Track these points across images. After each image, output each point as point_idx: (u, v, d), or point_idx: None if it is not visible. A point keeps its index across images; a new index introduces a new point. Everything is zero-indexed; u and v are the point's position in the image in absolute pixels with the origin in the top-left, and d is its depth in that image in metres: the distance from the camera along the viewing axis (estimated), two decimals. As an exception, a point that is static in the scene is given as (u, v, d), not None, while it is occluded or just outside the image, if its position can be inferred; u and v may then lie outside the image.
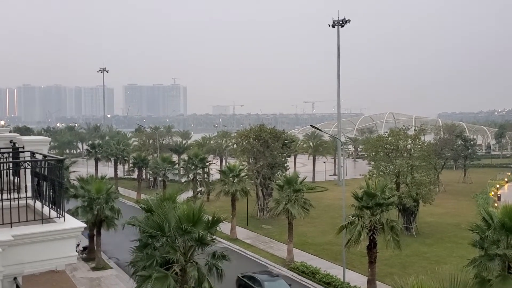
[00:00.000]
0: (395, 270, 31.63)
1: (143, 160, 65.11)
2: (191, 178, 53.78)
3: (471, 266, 19.05)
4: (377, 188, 26.83)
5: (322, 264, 33.55)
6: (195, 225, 18.53)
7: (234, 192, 41.12)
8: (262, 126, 53.35)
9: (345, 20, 76.97)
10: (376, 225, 26.26)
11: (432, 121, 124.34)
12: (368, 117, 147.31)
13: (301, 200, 34.32)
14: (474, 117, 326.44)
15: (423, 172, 42.76)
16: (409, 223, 41.80)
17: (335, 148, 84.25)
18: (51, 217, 8.34)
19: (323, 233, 42.14)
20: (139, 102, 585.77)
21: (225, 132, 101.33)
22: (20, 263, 7.58)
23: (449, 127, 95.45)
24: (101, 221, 33.37)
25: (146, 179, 71.59)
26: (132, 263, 19.75)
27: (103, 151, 71.66)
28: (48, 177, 8.67)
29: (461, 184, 71.00)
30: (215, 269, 19.62)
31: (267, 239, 41.42)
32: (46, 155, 9.87)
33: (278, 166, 50.33)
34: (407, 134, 46.30)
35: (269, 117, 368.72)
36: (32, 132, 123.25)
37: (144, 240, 19.53)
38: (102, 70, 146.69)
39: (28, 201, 9.23)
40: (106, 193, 33.00)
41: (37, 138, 12.38)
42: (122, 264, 33.25)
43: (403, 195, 40.32)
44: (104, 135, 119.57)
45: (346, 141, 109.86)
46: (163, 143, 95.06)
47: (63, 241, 7.94)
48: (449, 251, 36.71)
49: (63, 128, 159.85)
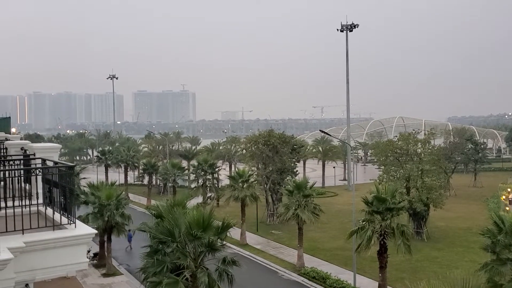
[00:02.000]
0: (406, 275, 31.40)
1: (153, 166, 65.38)
2: (201, 183, 53.90)
3: (483, 270, 18.88)
4: (387, 193, 26.71)
5: (332, 269, 33.39)
6: (205, 230, 18.55)
7: (243, 197, 41.12)
8: (271, 131, 53.38)
9: (354, 24, 77.00)
10: (386, 230, 26.12)
11: (442, 125, 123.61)
12: (377, 122, 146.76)
13: (311, 205, 34.23)
14: (484, 120, 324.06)
15: (433, 176, 42.49)
16: (420, 228, 41.51)
17: (344, 153, 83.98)
18: (62, 224, 8.40)
19: (333, 238, 41.97)
20: (149, 108, 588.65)
21: (234, 137, 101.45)
22: (32, 270, 7.64)
23: (459, 131, 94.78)
24: (111, 227, 33.51)
25: (156, 185, 71.83)
26: (143, 269, 19.81)
27: (113, 158, 72.07)
28: (59, 183, 8.74)
29: (471, 188, 70.39)
30: (225, 275, 19.61)
31: (277, 244, 41.33)
32: (57, 162, 9.95)
33: (288, 171, 50.27)
34: (417, 138, 46.07)
35: (278, 122, 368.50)
36: (43, 139, 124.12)
37: (155, 246, 19.59)
38: (111, 77, 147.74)
39: (39, 208, 9.30)
40: (116, 199, 33.16)
41: (47, 145, 12.50)
42: (132, 270, 33.35)
43: (413, 199, 40.06)
44: (114, 142, 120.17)
45: (355, 146, 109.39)
46: (173, 149, 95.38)
47: (74, 247, 7.99)
48: (460, 255, 36.38)
49: (73, 135, 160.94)
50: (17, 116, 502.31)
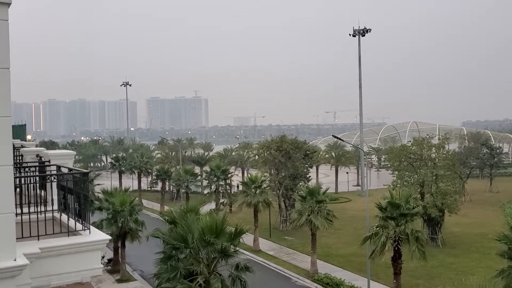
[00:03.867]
0: (421, 281, 31.05)
1: (166, 172, 65.71)
2: (214, 189, 54.01)
3: (499, 277, 18.66)
4: (401, 198, 26.53)
5: (346, 275, 33.17)
6: (218, 236, 18.58)
7: (256, 203, 41.10)
8: (283, 137, 53.35)
9: (366, 29, 76.84)
10: (400, 236, 25.91)
11: (456, 130, 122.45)
12: (391, 127, 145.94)
13: (324, 211, 34.10)
14: (499, 124, 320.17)
15: (448, 182, 42.07)
16: (435, 234, 41.08)
17: (357, 158, 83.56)
18: (76, 230, 8.48)
19: (347, 244, 41.71)
20: (162, 115, 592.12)
21: (247, 143, 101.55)
22: (47, 275, 7.70)
23: (474, 135, 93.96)
24: (125, 233, 33.70)
25: (169, 191, 72.13)
26: (157, 275, 19.90)
27: (127, 164, 72.60)
28: (74, 190, 8.83)
29: (487, 193, 69.51)
30: (238, 281, 19.59)
31: (290, 250, 41.19)
32: (72, 168, 10.06)
33: (300, 177, 50.14)
34: (431, 143, 45.70)
35: (291, 128, 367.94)
36: (57, 146, 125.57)
37: (168, 252, 19.68)
38: (125, 84, 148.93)
39: (54, 214, 9.41)
40: (130, 205, 33.36)
41: (62, 152, 12.64)
42: (146, 276, 33.46)
43: (428, 205, 39.68)
44: (127, 148, 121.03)
45: (369, 151, 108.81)
46: (186, 155, 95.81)
47: (88, 253, 8.06)
48: (476, 261, 35.90)
49: (87, 142, 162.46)
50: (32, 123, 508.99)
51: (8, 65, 6.45)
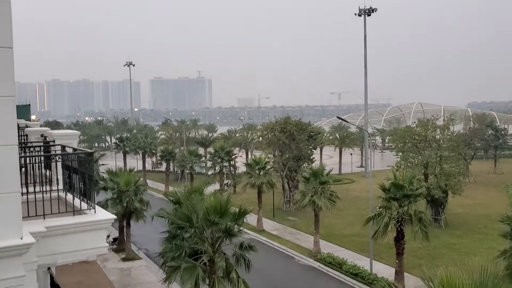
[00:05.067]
0: (423, 261, 31.28)
1: (170, 153, 65.88)
2: (218, 171, 54.21)
3: (501, 257, 18.76)
4: (405, 180, 26.57)
5: (349, 255, 33.44)
6: (223, 216, 18.71)
7: (260, 184, 41.26)
8: (287, 118, 53.24)
9: (372, 9, 75.94)
10: (403, 217, 26.03)
11: (461, 111, 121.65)
12: (395, 108, 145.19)
13: (328, 192, 34.21)
14: (505, 106, 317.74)
15: (452, 163, 42.02)
16: (438, 215, 41.21)
17: (362, 139, 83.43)
18: (82, 209, 8.56)
19: (350, 224, 41.95)
20: (165, 95, 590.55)
21: (251, 125, 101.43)
22: (53, 254, 7.81)
23: (479, 116, 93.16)
24: (130, 213, 33.98)
25: (173, 172, 72.44)
26: (161, 254, 20.13)
27: (131, 145, 72.84)
28: (79, 170, 8.88)
29: (491, 175, 69.45)
30: (242, 260, 19.83)
31: (293, 230, 41.48)
32: (76, 148, 10.10)
33: (304, 159, 50.19)
34: (435, 125, 45.53)
35: (295, 109, 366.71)
36: (62, 126, 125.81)
37: (173, 231, 19.86)
38: (128, 64, 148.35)
39: (59, 194, 9.48)
40: (135, 185, 33.57)
41: (67, 132, 12.68)
42: (151, 255, 33.85)
43: (431, 186, 39.73)
44: (131, 129, 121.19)
45: (373, 132, 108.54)
46: (190, 136, 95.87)
47: (94, 232, 8.14)
48: (479, 242, 36.07)
49: (91, 122, 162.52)
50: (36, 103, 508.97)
51: (11, 44, 6.43)
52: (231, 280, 18.96)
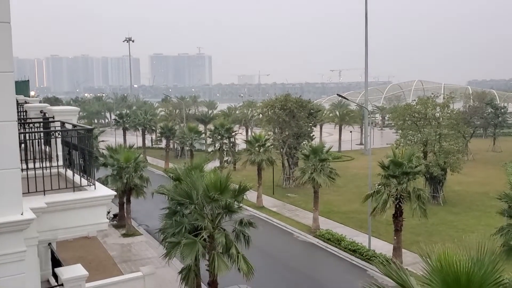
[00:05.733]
0: (421, 238, 31.58)
1: (170, 130, 65.86)
2: (218, 147, 54.28)
3: (498, 234, 18.92)
4: (404, 157, 26.62)
5: (347, 231, 33.74)
6: (222, 193, 18.80)
7: (260, 161, 41.35)
8: (287, 95, 53.01)
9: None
10: (402, 194, 26.17)
11: (461, 89, 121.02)
12: (396, 85, 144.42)
13: (327, 169, 34.31)
14: (505, 84, 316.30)
15: (451, 141, 42.04)
16: (436, 192, 41.44)
17: (362, 117, 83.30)
18: (82, 185, 8.58)
19: (348, 201, 42.22)
20: (165, 72, 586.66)
21: (251, 102, 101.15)
22: (53, 229, 7.87)
23: (479, 94, 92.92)
24: (130, 189, 34.12)
25: (173, 149, 72.53)
26: (162, 230, 20.28)
27: (130, 121, 72.80)
28: (78, 146, 8.88)
29: (490, 153, 69.60)
30: (242, 236, 20.02)
31: (292, 207, 41.76)
32: (76, 124, 10.08)
33: (304, 136, 50.20)
34: (435, 102, 45.38)
35: (295, 86, 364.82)
36: (61, 102, 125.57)
37: (173, 207, 19.97)
38: (128, 40, 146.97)
39: (59, 170, 9.50)
40: (135, 162, 33.60)
41: (66, 108, 12.66)
42: (151, 231, 34.14)
43: (430, 164, 39.84)
44: (131, 105, 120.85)
45: (373, 110, 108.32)
46: (189, 113, 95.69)
47: (94, 208, 8.19)
48: (476, 220, 36.37)
49: (91, 98, 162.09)
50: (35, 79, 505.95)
51: (8, 19, 6.35)
52: (230, 255, 19.17)
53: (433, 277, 7.82)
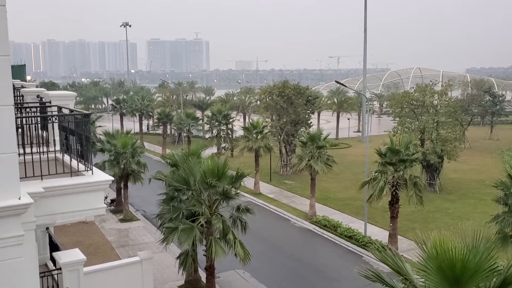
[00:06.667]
0: (417, 225, 31.78)
1: (167, 116, 65.66)
2: (215, 134, 54.24)
3: (494, 222, 19.05)
4: (401, 145, 26.66)
5: (344, 218, 33.93)
6: (220, 179, 18.85)
7: (257, 148, 41.36)
8: (285, 82, 52.82)
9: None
10: (399, 181, 26.27)
11: (460, 77, 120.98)
12: (394, 73, 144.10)
13: (324, 156, 34.37)
14: (504, 72, 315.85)
15: (448, 129, 42.10)
16: (433, 179, 41.63)
17: (359, 104, 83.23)
18: (79, 170, 8.58)
19: (345, 188, 42.38)
20: (162, 57, 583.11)
21: (248, 88, 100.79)
22: (51, 214, 7.88)
23: (477, 82, 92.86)
24: (128, 175, 34.13)
25: (170, 135, 72.42)
26: (159, 215, 20.37)
27: (128, 107, 72.57)
28: (75, 131, 8.85)
29: (487, 141, 69.80)
30: (239, 222, 20.13)
31: (290, 194, 41.90)
32: (73, 109, 10.04)
33: (302, 123, 50.15)
34: (433, 90, 45.33)
35: (293, 73, 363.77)
36: (58, 87, 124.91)
37: (170, 193, 20.03)
38: (125, 25, 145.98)
39: (56, 155, 9.48)
40: (132, 147, 33.54)
41: (63, 93, 12.59)
42: (149, 216, 34.25)
43: (427, 151, 39.96)
44: (128, 91, 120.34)
45: (371, 97, 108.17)
46: (187, 99, 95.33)
47: (91, 193, 8.20)
48: (472, 207, 36.59)
49: (88, 83, 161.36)
50: (32, 64, 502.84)
51: (4, 1, 6.29)
52: (227, 241, 19.29)
53: (429, 263, 7.89)
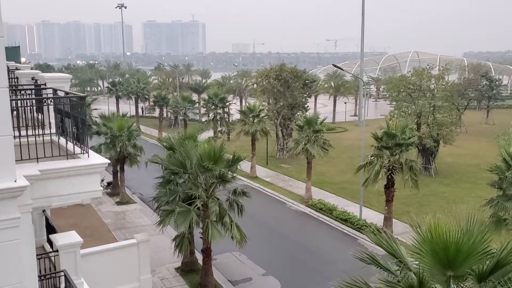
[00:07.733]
0: (412, 208, 32.03)
1: (163, 99, 65.45)
2: (212, 117, 54.12)
3: (488, 205, 19.20)
4: (398, 129, 26.72)
5: (339, 201, 34.14)
6: (216, 163, 18.88)
7: (254, 132, 41.34)
8: (282, 65, 52.59)
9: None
10: (394, 165, 26.38)
11: (457, 61, 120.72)
12: (391, 56, 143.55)
13: (321, 140, 34.41)
14: (501, 56, 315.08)
15: (445, 113, 42.16)
16: (428, 163, 41.81)
17: (356, 88, 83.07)
18: (75, 153, 8.55)
19: (341, 172, 42.53)
20: (158, 39, 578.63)
21: (245, 71, 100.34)
22: (47, 197, 7.88)
23: (475, 66, 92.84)
24: (124, 158, 34.12)
25: (167, 118, 72.24)
26: (156, 198, 20.44)
27: (123, 89, 72.24)
28: (71, 114, 8.80)
29: (483, 125, 69.97)
30: (235, 205, 20.24)
31: (286, 177, 42.04)
32: (68, 92, 9.97)
33: (298, 107, 50.05)
34: (430, 74, 45.25)
35: (290, 56, 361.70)
36: (53, 69, 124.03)
37: (167, 177, 20.07)
38: (120, 6, 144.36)
39: (52, 138, 9.44)
40: (128, 130, 33.48)
41: (58, 75, 12.49)
42: (145, 199, 34.36)
43: (423, 135, 40.05)
44: (124, 73, 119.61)
45: (368, 81, 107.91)
46: (183, 82, 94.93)
47: (88, 176, 8.18)
48: (467, 191, 36.84)
49: (83, 66, 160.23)
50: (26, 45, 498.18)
51: (-3, -18, 6.19)
52: (224, 224, 19.41)
53: (423, 246, 7.96)
